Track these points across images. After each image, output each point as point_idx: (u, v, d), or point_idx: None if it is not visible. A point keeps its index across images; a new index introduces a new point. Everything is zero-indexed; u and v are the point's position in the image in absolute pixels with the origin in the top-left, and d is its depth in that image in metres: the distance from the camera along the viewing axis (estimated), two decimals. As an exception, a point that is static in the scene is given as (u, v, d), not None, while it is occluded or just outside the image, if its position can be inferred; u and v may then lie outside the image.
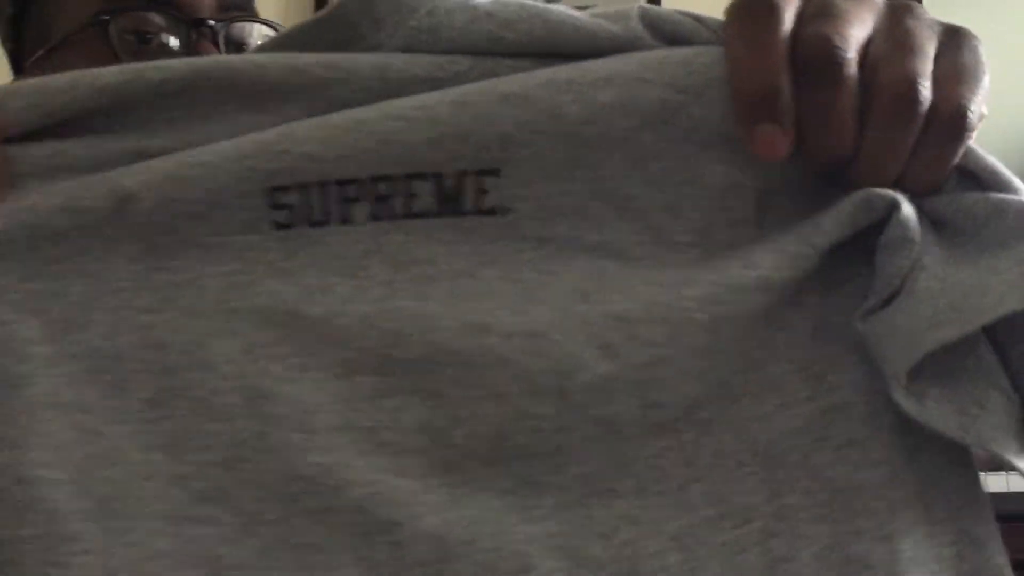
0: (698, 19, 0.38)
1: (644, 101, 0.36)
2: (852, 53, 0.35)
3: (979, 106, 0.36)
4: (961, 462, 0.37)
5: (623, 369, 0.35)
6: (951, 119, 0.35)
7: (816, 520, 0.36)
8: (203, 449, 0.35)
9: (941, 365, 0.34)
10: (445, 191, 0.37)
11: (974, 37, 0.37)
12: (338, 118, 0.36)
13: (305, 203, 0.36)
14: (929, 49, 0.36)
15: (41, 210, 0.36)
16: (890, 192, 0.36)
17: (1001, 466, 0.37)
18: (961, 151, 0.36)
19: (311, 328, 0.36)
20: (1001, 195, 0.36)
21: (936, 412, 0.34)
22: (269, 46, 0.41)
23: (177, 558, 0.34)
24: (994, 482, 1.33)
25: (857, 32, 0.36)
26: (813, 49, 0.35)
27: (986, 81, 0.36)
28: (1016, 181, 0.36)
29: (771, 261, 0.36)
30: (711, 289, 0.36)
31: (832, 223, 0.36)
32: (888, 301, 0.35)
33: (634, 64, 0.37)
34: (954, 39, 0.37)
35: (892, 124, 0.35)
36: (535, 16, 0.37)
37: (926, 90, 0.35)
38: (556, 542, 0.35)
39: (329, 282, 0.36)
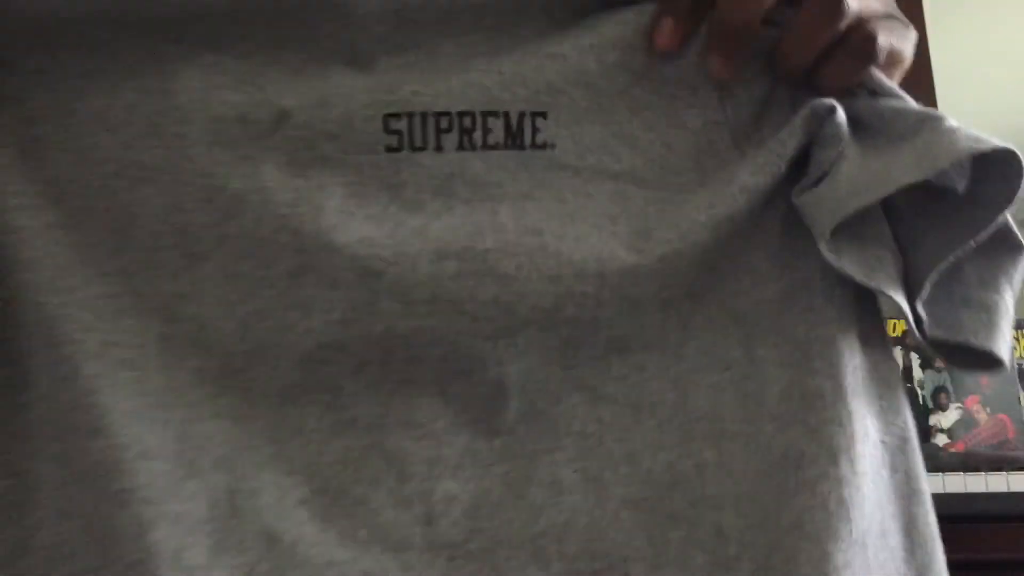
0: None
1: (633, 62, 0.47)
2: None
3: (888, 42, 0.45)
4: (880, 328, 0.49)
5: (646, 260, 0.45)
6: (862, 38, 0.45)
7: (781, 366, 0.46)
8: (327, 311, 0.44)
9: (853, 231, 0.45)
10: (511, 128, 0.46)
11: (913, 34, 0.47)
12: (443, 66, 0.46)
13: (410, 130, 0.45)
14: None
15: (223, 119, 0.44)
16: (829, 100, 0.45)
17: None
18: (865, 67, 0.46)
19: (412, 230, 0.44)
20: (904, 102, 0.46)
21: (848, 263, 0.45)
22: None
23: (308, 390, 0.45)
24: (994, 482, 1.31)
25: None
26: None
27: (904, 38, 0.47)
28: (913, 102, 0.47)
29: (747, 171, 0.46)
30: (707, 198, 0.46)
31: (790, 134, 0.46)
32: (817, 183, 0.45)
33: (630, 29, 0.47)
34: (903, 26, 0.46)
35: (817, 15, 0.44)
36: None
37: (850, 6, 0.44)
38: (583, 383, 0.46)
39: (422, 198, 0.45)
